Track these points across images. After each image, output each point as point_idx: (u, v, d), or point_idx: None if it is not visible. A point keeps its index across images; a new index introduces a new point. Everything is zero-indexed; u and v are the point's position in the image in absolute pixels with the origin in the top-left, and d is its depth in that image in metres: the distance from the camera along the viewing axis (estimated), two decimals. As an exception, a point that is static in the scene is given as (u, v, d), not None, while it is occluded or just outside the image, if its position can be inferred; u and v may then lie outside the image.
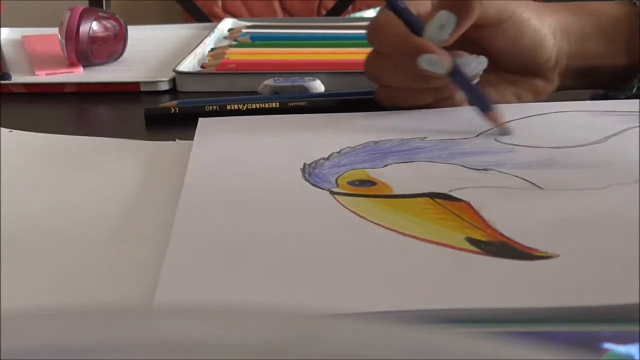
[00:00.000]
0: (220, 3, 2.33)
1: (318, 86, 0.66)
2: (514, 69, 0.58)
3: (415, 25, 0.54)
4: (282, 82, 0.65)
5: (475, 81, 0.55)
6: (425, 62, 0.52)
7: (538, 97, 0.58)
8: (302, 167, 0.46)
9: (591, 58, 0.58)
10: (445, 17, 0.53)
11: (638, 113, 0.54)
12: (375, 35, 0.56)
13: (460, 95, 0.56)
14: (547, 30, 0.57)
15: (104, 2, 1.19)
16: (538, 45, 0.56)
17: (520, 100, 0.58)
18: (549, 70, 0.58)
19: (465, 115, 0.55)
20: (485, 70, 0.55)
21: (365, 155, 0.48)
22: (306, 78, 0.66)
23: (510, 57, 0.57)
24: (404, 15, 0.54)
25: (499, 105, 0.54)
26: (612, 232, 0.38)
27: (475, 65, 0.54)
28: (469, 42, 0.55)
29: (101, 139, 0.55)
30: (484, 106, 0.53)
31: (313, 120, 0.56)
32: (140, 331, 0.17)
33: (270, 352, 0.17)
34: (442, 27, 0.53)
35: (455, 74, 0.53)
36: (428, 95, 0.56)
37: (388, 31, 0.55)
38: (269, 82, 0.65)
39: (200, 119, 0.56)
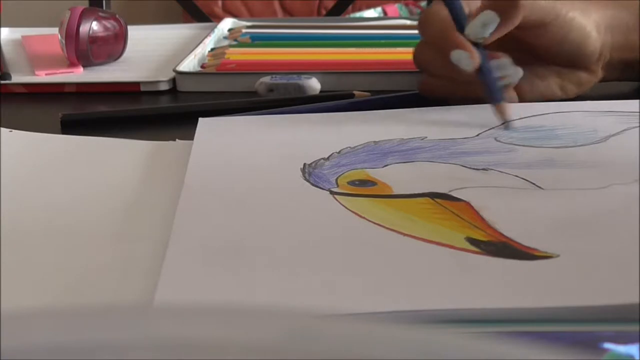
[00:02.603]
0: (220, 3, 2.33)
1: (314, 84, 0.66)
2: (559, 62, 0.59)
3: (459, 20, 0.56)
4: (278, 79, 0.66)
5: (503, 85, 0.56)
6: (455, 57, 0.54)
7: (582, 89, 0.60)
8: (302, 167, 0.46)
9: (635, 51, 0.60)
10: (488, 16, 0.55)
11: (638, 113, 0.54)
12: (423, 25, 0.59)
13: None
14: (591, 26, 0.58)
15: (104, 2, 1.19)
16: (582, 42, 0.58)
17: (564, 91, 0.60)
18: (593, 63, 0.59)
19: (465, 115, 0.55)
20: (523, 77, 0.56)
21: (365, 155, 0.48)
22: (302, 76, 0.66)
23: (555, 52, 0.58)
24: (451, 9, 0.56)
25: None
26: (612, 232, 0.38)
27: (511, 72, 0.55)
28: (513, 40, 0.57)
29: (101, 139, 0.55)
30: (496, 99, 0.54)
31: (313, 120, 0.56)
32: (140, 331, 0.17)
33: (270, 352, 0.17)
34: (485, 25, 0.55)
35: (482, 73, 0.55)
36: (462, 88, 0.58)
37: (434, 23, 0.57)
38: (266, 79, 0.66)
39: (200, 119, 0.56)
